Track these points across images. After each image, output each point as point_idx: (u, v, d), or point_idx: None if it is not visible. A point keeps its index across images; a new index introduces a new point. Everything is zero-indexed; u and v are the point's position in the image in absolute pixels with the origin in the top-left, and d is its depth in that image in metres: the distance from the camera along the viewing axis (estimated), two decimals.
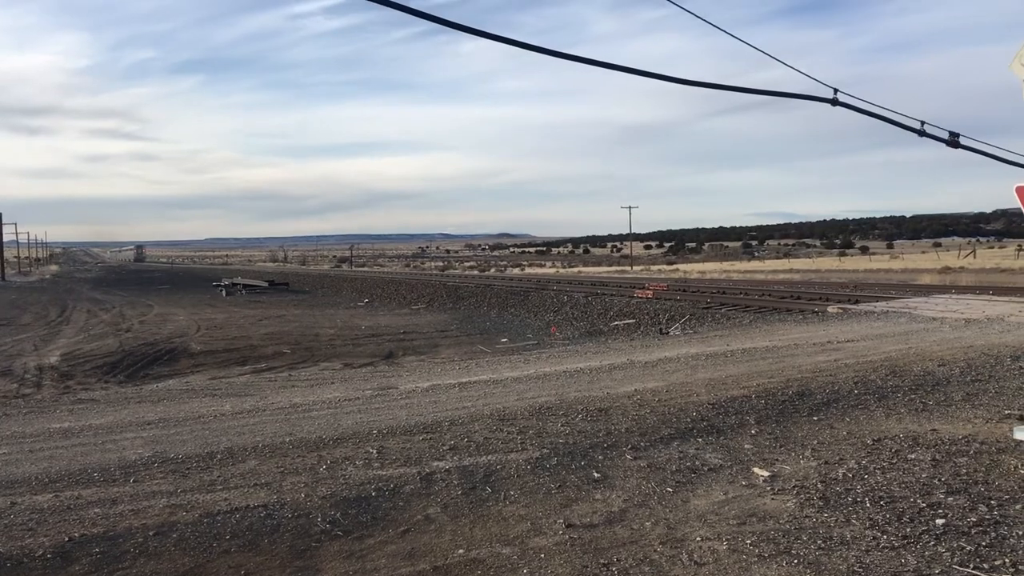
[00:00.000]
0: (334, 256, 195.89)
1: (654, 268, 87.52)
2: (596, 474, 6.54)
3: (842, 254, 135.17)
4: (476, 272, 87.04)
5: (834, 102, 4.70)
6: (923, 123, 5.00)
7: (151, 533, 5.31)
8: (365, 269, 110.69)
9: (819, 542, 4.96)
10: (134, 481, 6.49)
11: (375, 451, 7.29)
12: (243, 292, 56.57)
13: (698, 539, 5.09)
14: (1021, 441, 6.63)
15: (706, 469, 6.65)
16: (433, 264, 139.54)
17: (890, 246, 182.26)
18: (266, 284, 61.69)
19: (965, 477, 6.20)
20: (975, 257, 74.77)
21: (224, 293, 55.44)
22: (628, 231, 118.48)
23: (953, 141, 5.13)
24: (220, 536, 5.28)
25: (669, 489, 6.13)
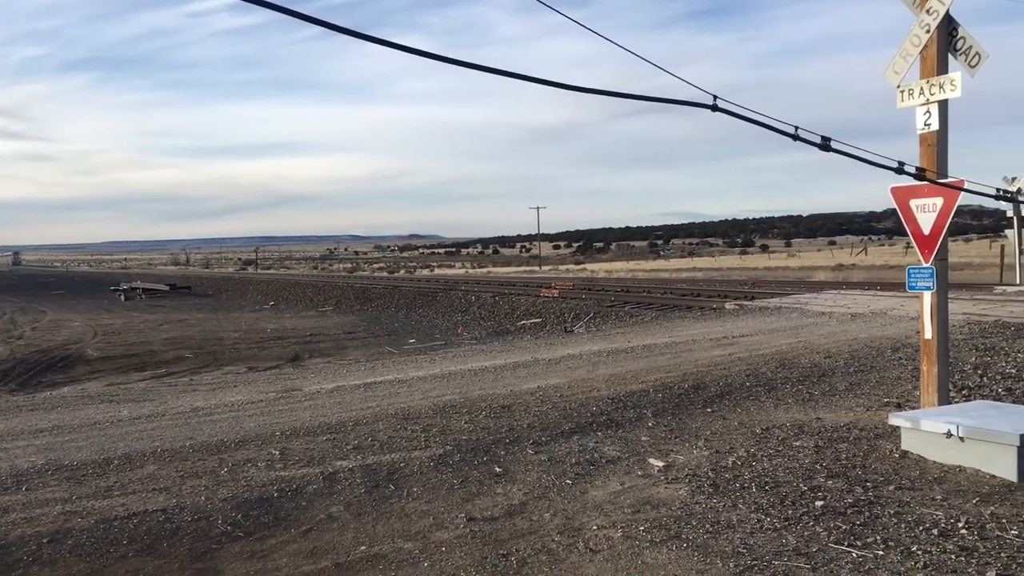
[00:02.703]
0: (239, 259, 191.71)
1: (562, 268, 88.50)
2: (498, 469, 6.69)
3: (743, 253, 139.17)
4: (385, 274, 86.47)
5: (714, 108, 4.95)
6: (796, 128, 5.32)
7: (45, 540, 5.21)
8: (271, 272, 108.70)
9: (707, 526, 5.21)
10: (26, 489, 6.34)
11: (278, 452, 7.28)
12: (143, 297, 54.87)
13: (594, 528, 5.28)
14: (897, 427, 7.04)
15: (604, 461, 6.86)
16: (341, 266, 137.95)
17: (788, 244, 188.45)
18: (167, 288, 60.00)
19: (845, 462, 6.58)
20: (866, 255, 78.06)
21: (123, 298, 53.67)
22: (537, 231, 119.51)
23: (825, 145, 5.47)
24: (117, 541, 5.22)
25: (568, 481, 6.32)
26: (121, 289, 58.53)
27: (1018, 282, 27.31)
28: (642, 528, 5.22)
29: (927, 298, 7.57)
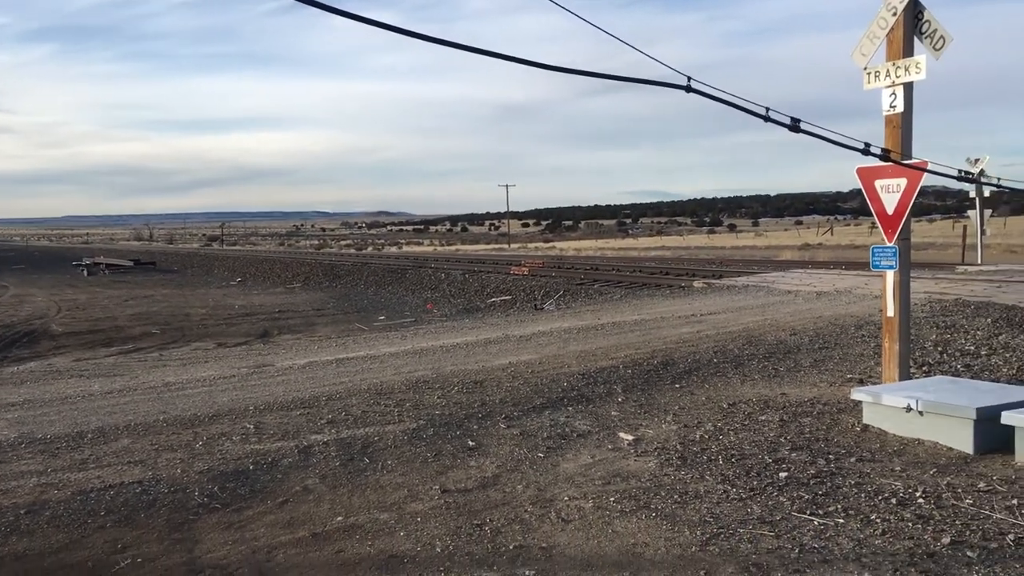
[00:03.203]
0: (204, 234, 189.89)
1: (531, 246, 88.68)
2: (471, 443, 6.80)
3: (711, 231, 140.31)
4: (353, 251, 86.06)
5: (688, 89, 5.04)
6: (768, 109, 5.44)
7: (22, 512, 5.26)
8: (237, 248, 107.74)
9: (676, 497, 5.37)
10: (1, 462, 6.35)
11: (252, 426, 7.34)
12: (106, 272, 54.19)
13: (566, 499, 5.41)
14: (859, 401, 7.25)
15: (575, 435, 7.00)
16: (308, 243, 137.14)
17: (756, 224, 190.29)
18: (131, 263, 59.30)
19: (808, 435, 6.77)
20: (832, 234, 79.00)
21: (86, 273, 52.98)
22: (506, 209, 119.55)
23: (794, 126, 5.60)
24: (95, 512, 5.28)
25: (540, 454, 6.45)
26: (84, 264, 57.76)
27: (979, 262, 27.91)
28: (612, 499, 5.36)
29: (890, 276, 7.77)
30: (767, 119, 5.48)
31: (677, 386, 8.92)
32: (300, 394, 8.79)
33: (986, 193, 28.17)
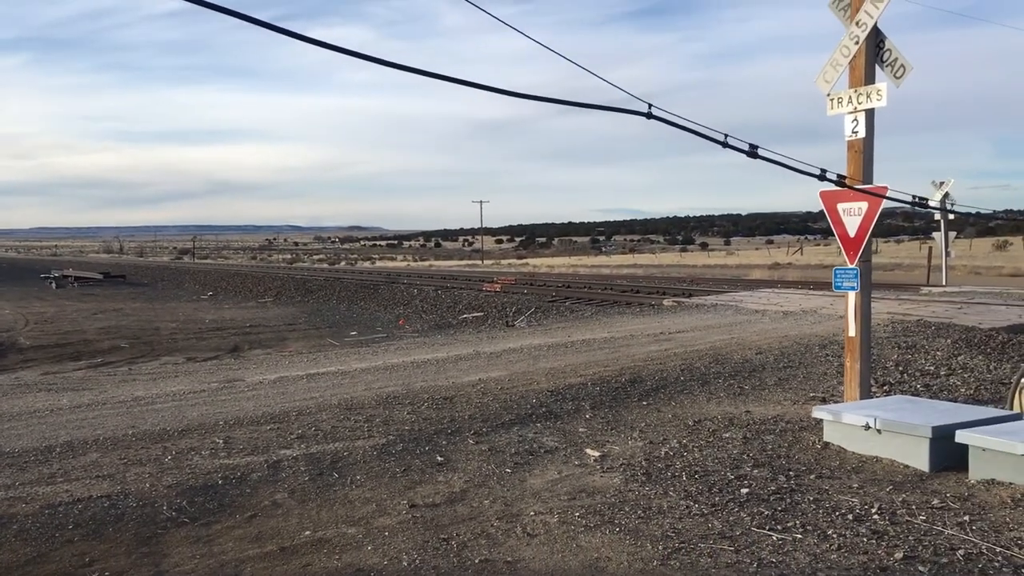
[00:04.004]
0: (175, 248, 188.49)
1: (504, 262, 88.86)
2: (440, 458, 6.88)
3: (683, 250, 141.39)
4: (326, 265, 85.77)
5: (648, 115, 5.19)
6: (726, 135, 5.62)
7: None
8: (208, 261, 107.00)
9: (639, 512, 5.48)
10: None
11: (222, 441, 7.37)
12: (75, 285, 53.57)
13: (532, 514, 5.51)
14: (820, 419, 7.41)
15: (543, 451, 7.10)
16: (281, 257, 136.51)
17: (727, 243, 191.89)
18: (100, 276, 58.67)
19: (770, 452, 6.92)
20: (802, 254, 79.88)
21: (54, 286, 52.35)
22: (480, 225, 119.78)
23: (752, 152, 5.77)
24: (63, 526, 5.30)
25: (508, 470, 6.54)
26: (52, 277, 57.05)
27: (944, 283, 28.39)
28: (577, 514, 5.46)
29: (851, 297, 7.96)
30: (726, 145, 5.65)
31: (644, 403, 9.05)
32: (270, 409, 8.82)
33: (951, 216, 28.69)
